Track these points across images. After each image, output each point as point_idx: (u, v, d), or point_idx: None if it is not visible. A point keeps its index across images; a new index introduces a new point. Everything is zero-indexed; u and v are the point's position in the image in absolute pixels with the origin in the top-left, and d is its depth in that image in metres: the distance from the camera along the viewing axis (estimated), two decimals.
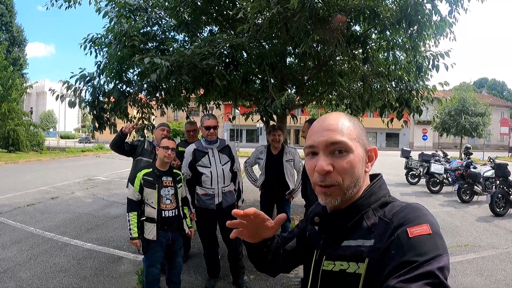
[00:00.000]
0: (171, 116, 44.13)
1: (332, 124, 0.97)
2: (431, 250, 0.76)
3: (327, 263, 0.97)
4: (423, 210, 0.87)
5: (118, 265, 4.64)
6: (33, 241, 5.45)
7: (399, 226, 0.83)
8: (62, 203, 8.37)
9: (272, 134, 4.50)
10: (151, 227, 3.22)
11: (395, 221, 0.85)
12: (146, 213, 3.25)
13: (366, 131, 1.05)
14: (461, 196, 9.50)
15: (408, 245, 0.78)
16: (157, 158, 3.36)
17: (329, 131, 0.96)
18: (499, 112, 46.02)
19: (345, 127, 0.96)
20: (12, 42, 30.94)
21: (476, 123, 26.49)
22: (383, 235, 0.86)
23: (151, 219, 3.24)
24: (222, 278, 4.17)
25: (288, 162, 4.58)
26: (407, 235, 0.80)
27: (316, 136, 0.97)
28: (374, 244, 0.87)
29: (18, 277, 4.14)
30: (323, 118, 1.02)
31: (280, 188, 4.64)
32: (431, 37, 4.88)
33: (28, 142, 23.70)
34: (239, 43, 4.17)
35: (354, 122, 1.01)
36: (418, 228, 0.80)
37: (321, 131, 0.97)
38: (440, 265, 0.74)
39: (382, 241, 0.85)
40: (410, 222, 0.82)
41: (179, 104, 6.68)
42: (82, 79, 4.92)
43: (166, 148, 3.24)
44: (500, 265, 4.87)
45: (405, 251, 0.77)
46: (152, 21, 5.39)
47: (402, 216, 0.86)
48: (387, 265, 0.79)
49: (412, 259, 0.75)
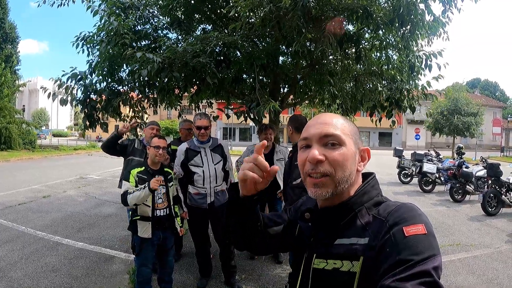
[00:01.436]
0: (164, 114, 43.95)
1: (327, 120, 1.00)
2: (426, 250, 0.76)
3: (318, 261, 0.97)
4: (418, 210, 0.88)
5: (109, 264, 4.61)
6: (24, 240, 5.40)
7: (395, 224, 0.83)
8: (54, 201, 8.31)
9: (264, 133, 4.46)
10: (146, 225, 3.20)
11: (390, 220, 0.86)
12: (140, 212, 3.22)
13: (359, 133, 1.06)
14: (453, 196, 9.58)
15: (404, 244, 0.79)
16: (149, 157, 3.33)
17: (324, 124, 0.98)
18: (492, 112, 46.38)
19: (339, 123, 0.99)
20: (4, 39, 30.61)
21: (468, 123, 26.70)
22: (378, 233, 0.86)
23: (146, 217, 3.22)
24: (214, 277, 4.16)
25: (279, 161, 4.55)
26: (403, 234, 0.80)
27: (310, 129, 1.00)
28: (369, 242, 0.87)
29: (9, 277, 4.10)
30: (319, 115, 1.06)
31: (271, 187, 4.62)
32: (424, 36, 4.90)
33: (21, 140, 23.47)
34: (231, 41, 4.16)
35: (349, 122, 1.04)
36: (414, 228, 0.81)
37: (315, 124, 1.00)
38: (434, 265, 0.74)
39: (377, 239, 0.85)
40: (405, 221, 0.83)
41: (171, 103, 6.65)
42: (74, 77, 4.88)
43: (157, 148, 3.21)
44: (491, 264, 4.92)
45: (401, 250, 0.78)
46: (144, 19, 5.36)
47: (398, 215, 0.86)
48: (382, 263, 0.80)
49: (407, 258, 0.75)
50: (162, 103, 6.41)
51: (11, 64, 26.62)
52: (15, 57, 28.07)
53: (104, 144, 4.21)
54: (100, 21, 4.84)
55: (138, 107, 6.33)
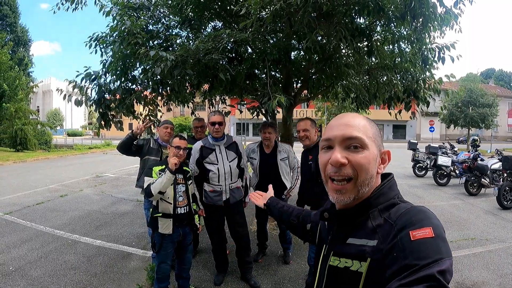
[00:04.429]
0: (177, 111, 44.20)
1: (350, 121, 1.00)
2: (433, 254, 0.76)
3: (334, 258, 0.99)
4: (427, 213, 0.88)
5: (127, 261, 4.70)
6: (43, 239, 5.52)
7: (402, 228, 0.84)
8: (71, 200, 8.46)
9: (263, 131, 4.39)
10: (167, 222, 3.25)
11: (398, 224, 0.86)
12: (161, 209, 3.26)
13: (380, 134, 1.06)
14: (468, 189, 9.45)
15: (410, 248, 0.79)
16: (169, 155, 3.35)
17: (347, 126, 0.98)
18: (507, 103, 45.41)
19: (362, 125, 0.99)
20: (17, 42, 31.12)
21: (483, 114, 26.21)
22: (387, 236, 0.87)
23: (167, 215, 3.26)
24: (230, 273, 4.20)
25: (283, 160, 4.42)
26: (409, 238, 0.81)
27: (333, 130, 0.99)
28: (377, 245, 0.88)
29: (29, 276, 4.20)
30: (341, 115, 1.05)
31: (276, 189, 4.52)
32: (436, 29, 4.83)
33: (36, 140, 23.86)
34: (242, 38, 4.17)
35: (371, 123, 1.03)
36: (421, 231, 0.81)
37: (338, 125, 1.00)
38: (441, 269, 0.74)
39: (385, 242, 0.86)
40: (413, 225, 0.83)
41: (184, 100, 6.69)
42: (88, 77, 4.94)
43: (178, 148, 3.25)
44: (507, 259, 4.85)
45: (407, 254, 0.78)
46: (155, 18, 5.40)
47: (406, 218, 0.87)
48: (389, 268, 0.81)
49: (413, 263, 0.76)
50: (175, 100, 6.45)
51: (25, 67, 27.05)
52: (28, 59, 28.49)
53: (119, 146, 4.23)
54: (113, 22, 4.90)
55: (152, 105, 6.39)
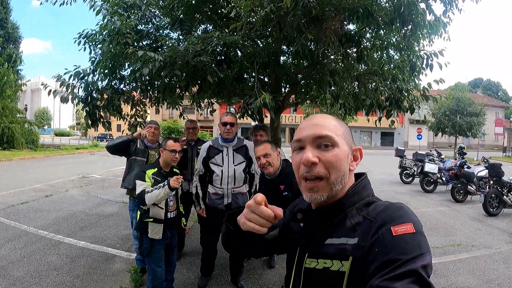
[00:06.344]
0: (166, 114, 43.93)
1: (320, 121, 1.00)
2: (415, 249, 0.76)
3: (310, 260, 0.97)
4: (406, 209, 0.87)
5: (111, 263, 4.63)
6: (26, 239, 5.43)
7: (383, 224, 0.83)
8: (56, 201, 8.33)
9: (254, 134, 4.30)
10: (158, 227, 3.20)
11: (378, 220, 0.86)
12: (152, 214, 3.21)
13: (351, 132, 1.07)
14: (455, 196, 9.57)
15: (392, 244, 0.78)
16: (161, 159, 3.31)
17: (317, 126, 0.99)
18: (494, 112, 46.21)
19: (332, 125, 1.00)
20: (7, 38, 30.63)
21: (471, 123, 26.63)
22: (367, 233, 0.86)
23: (158, 220, 3.22)
24: (213, 277, 4.17)
25: None
26: (391, 234, 0.80)
27: (304, 131, 1.00)
28: (358, 243, 0.87)
29: (11, 276, 4.12)
30: (311, 117, 1.06)
31: None
32: (425, 36, 4.88)
33: (23, 139, 23.51)
34: (232, 41, 4.16)
35: (340, 122, 1.04)
36: (402, 227, 0.80)
37: (308, 126, 1.00)
38: (423, 264, 0.74)
39: (366, 239, 0.86)
40: (393, 221, 0.83)
41: (172, 103, 6.65)
42: (76, 76, 4.87)
43: (173, 151, 3.22)
44: (492, 265, 4.91)
45: (389, 250, 0.78)
46: (146, 18, 5.36)
47: (386, 215, 0.86)
48: (371, 264, 0.80)
49: (396, 258, 0.75)
50: (164, 102, 6.41)
51: (13, 64, 26.64)
52: (17, 56, 28.04)
53: (112, 146, 4.13)
54: (103, 20, 4.85)
55: (140, 106, 6.34)
